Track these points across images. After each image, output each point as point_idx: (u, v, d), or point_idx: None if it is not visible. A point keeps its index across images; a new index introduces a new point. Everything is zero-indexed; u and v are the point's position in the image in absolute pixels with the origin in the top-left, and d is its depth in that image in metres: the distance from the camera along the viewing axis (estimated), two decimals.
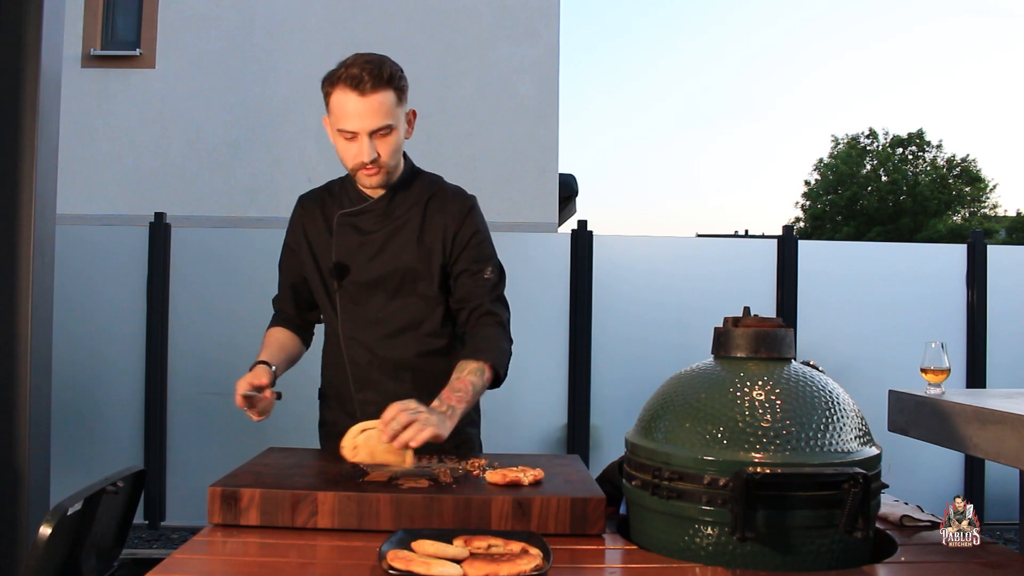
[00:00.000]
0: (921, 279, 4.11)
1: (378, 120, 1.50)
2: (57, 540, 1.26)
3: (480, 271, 1.62)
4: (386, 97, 1.50)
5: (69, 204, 5.32)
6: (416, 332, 1.63)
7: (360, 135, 1.51)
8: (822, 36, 61.73)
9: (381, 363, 1.63)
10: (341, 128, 1.52)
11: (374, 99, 1.48)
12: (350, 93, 1.48)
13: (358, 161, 1.53)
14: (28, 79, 2.12)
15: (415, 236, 1.62)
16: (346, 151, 1.55)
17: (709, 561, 1.11)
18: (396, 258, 1.61)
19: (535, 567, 1.02)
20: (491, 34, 7.29)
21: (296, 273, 1.72)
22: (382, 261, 1.61)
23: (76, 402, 3.82)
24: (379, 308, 1.63)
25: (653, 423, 1.22)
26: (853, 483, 1.06)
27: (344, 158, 1.57)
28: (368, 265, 1.61)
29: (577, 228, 3.95)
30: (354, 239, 1.63)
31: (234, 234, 4.23)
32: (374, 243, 1.62)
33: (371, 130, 1.50)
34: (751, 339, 1.22)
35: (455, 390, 1.47)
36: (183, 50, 7.36)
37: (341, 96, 1.49)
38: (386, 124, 1.51)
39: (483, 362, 1.53)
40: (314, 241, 1.67)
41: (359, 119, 1.49)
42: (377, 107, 1.49)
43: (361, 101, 1.48)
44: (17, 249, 2.10)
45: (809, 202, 30.70)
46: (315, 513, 1.23)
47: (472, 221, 1.64)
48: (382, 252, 1.61)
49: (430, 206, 1.64)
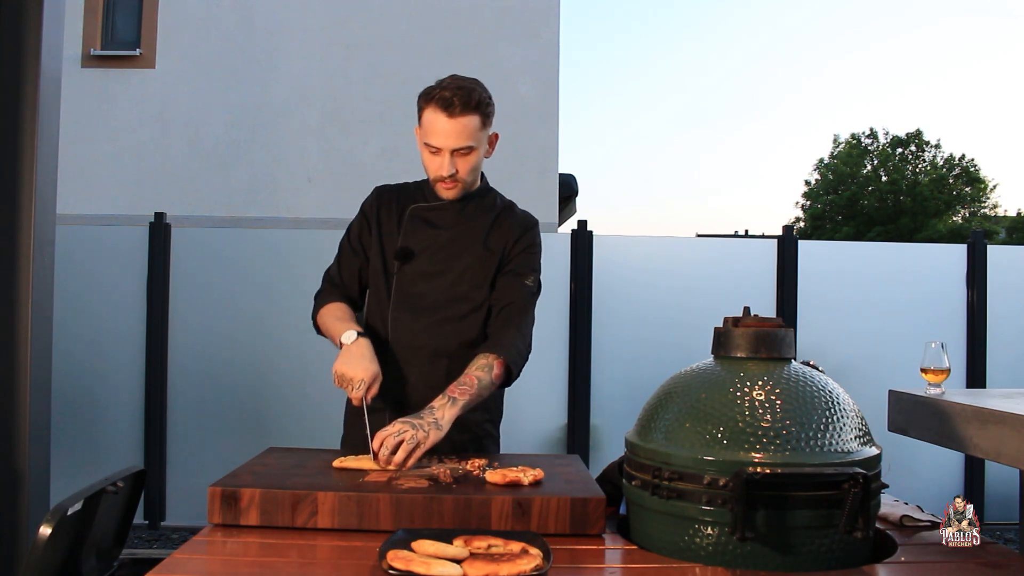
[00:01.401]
0: (921, 279, 4.11)
1: (461, 141, 1.63)
2: (57, 540, 1.26)
3: (523, 276, 1.74)
4: (471, 121, 1.62)
5: (69, 204, 5.31)
6: (460, 324, 1.72)
7: (443, 151, 1.64)
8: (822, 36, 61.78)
9: (422, 347, 1.71)
10: (428, 143, 1.65)
11: (460, 121, 1.61)
12: (440, 113, 1.61)
13: (438, 174, 1.67)
14: (28, 79, 2.11)
15: (481, 240, 1.74)
16: (430, 162, 1.68)
17: (709, 561, 1.11)
18: (461, 255, 1.73)
19: (535, 567, 1.02)
20: (491, 34, 7.29)
21: (363, 253, 1.79)
22: (447, 255, 1.72)
23: (76, 402, 3.82)
24: (434, 297, 1.72)
25: (653, 423, 1.22)
26: (853, 483, 1.06)
27: (427, 168, 1.70)
28: (434, 256, 1.72)
29: (577, 228, 3.96)
30: (424, 231, 1.74)
31: (234, 234, 4.24)
32: (443, 238, 1.73)
33: (453, 148, 1.63)
34: (751, 339, 1.22)
35: (460, 384, 1.57)
36: (183, 50, 7.36)
37: (432, 114, 1.62)
38: (468, 145, 1.64)
39: (495, 356, 1.62)
40: (385, 226, 1.77)
41: (444, 138, 1.62)
42: (461, 129, 1.62)
43: (449, 122, 1.61)
44: (17, 249, 2.10)
45: (809, 202, 30.70)
46: (315, 513, 1.23)
47: (531, 235, 1.78)
48: (449, 247, 1.73)
49: (500, 217, 1.78)
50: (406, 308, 1.72)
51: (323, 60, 7.34)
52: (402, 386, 1.71)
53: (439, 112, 1.60)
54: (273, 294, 3.93)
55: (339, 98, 7.29)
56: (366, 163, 7.21)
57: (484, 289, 1.73)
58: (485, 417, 1.76)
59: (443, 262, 1.72)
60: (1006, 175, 54.75)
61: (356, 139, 7.26)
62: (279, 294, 3.94)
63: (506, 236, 1.75)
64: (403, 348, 1.72)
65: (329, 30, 7.32)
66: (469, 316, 1.72)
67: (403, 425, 1.44)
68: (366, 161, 7.22)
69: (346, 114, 7.28)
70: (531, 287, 1.74)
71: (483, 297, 1.73)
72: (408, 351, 1.72)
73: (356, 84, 7.30)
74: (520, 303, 1.71)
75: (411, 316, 1.71)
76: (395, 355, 1.71)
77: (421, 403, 1.56)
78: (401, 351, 1.72)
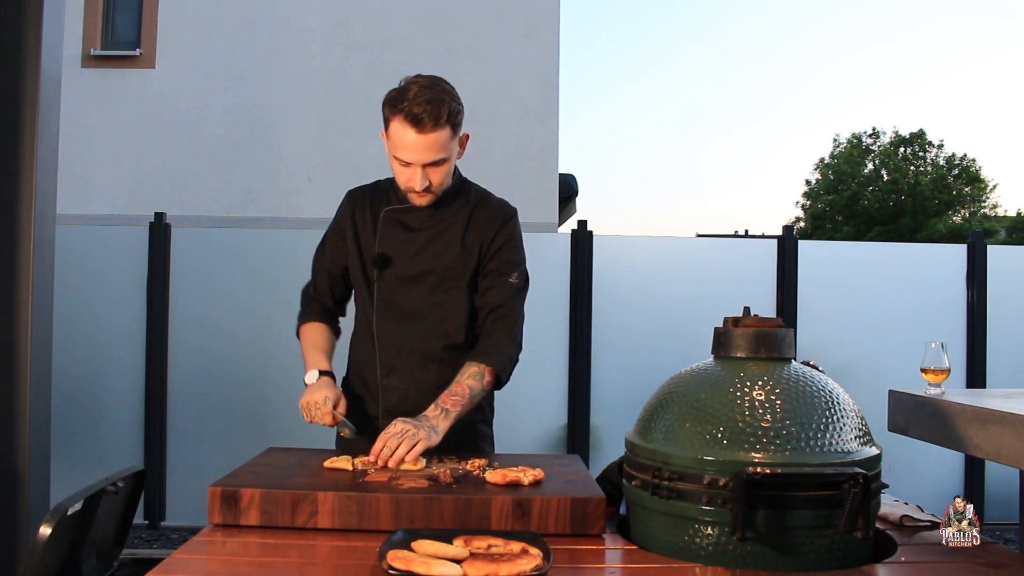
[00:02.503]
0: (921, 279, 4.11)
1: (432, 155, 1.58)
2: (57, 540, 1.26)
3: (507, 275, 1.70)
4: (442, 135, 1.56)
5: (69, 204, 5.31)
6: (446, 327, 1.71)
7: (414, 166, 1.59)
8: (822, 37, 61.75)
9: (411, 352, 1.70)
10: (397, 156, 1.60)
11: (431, 137, 1.55)
12: (409, 128, 1.55)
13: (410, 186, 1.63)
14: (28, 79, 2.11)
15: (459, 238, 1.70)
16: (400, 174, 1.63)
17: (709, 561, 1.11)
18: (438, 257, 1.69)
19: (535, 567, 1.02)
20: (491, 34, 7.29)
21: (339, 262, 1.77)
22: (425, 258, 1.69)
23: (76, 402, 3.82)
24: (415, 301, 1.70)
25: (653, 423, 1.22)
26: (853, 483, 1.06)
27: (398, 178, 1.65)
28: (411, 260, 1.69)
29: (577, 228, 3.95)
30: (399, 234, 1.71)
31: (234, 234, 4.24)
32: (418, 240, 1.70)
33: (425, 163, 1.58)
34: (751, 339, 1.22)
35: (452, 394, 1.57)
36: (183, 50, 7.35)
37: (400, 128, 1.56)
38: (440, 158, 1.59)
39: (485, 366, 1.61)
40: (361, 232, 1.74)
41: (414, 153, 1.57)
42: (431, 144, 1.56)
43: (419, 138, 1.55)
44: (17, 249, 2.10)
45: (809, 202, 30.69)
46: (315, 513, 1.23)
47: (509, 228, 1.73)
48: (425, 250, 1.69)
49: (475, 212, 1.73)
50: (390, 315, 1.70)
51: (323, 60, 7.33)
52: (394, 391, 1.70)
53: (408, 127, 1.54)
54: (273, 294, 3.93)
55: (339, 98, 7.28)
56: (366, 163, 7.20)
57: (465, 290, 1.70)
58: (479, 416, 1.76)
59: (421, 265, 1.69)
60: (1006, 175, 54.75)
61: (356, 139, 7.25)
62: (279, 294, 3.93)
63: (482, 233, 1.71)
64: (392, 354, 1.71)
65: (329, 30, 7.31)
66: (452, 318, 1.70)
67: (404, 425, 1.45)
68: (366, 161, 7.21)
69: (346, 114, 7.28)
70: (516, 284, 1.70)
71: (465, 299, 1.70)
72: (397, 357, 1.70)
73: (356, 84, 7.30)
74: (507, 304, 1.69)
75: (396, 322, 1.70)
76: (385, 360, 1.71)
77: (413, 408, 1.57)
78: (390, 357, 1.71)
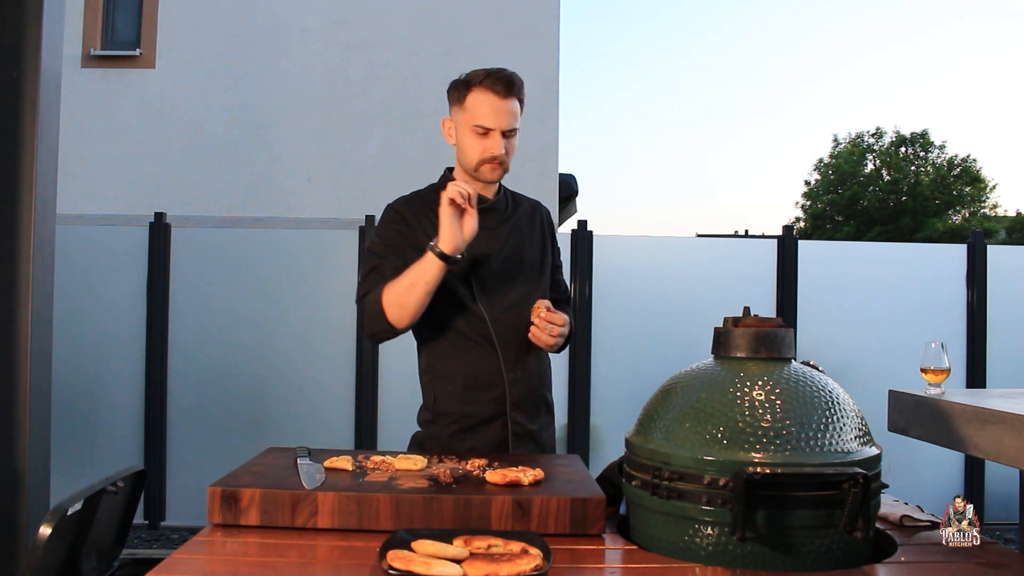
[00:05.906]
0: (921, 279, 4.11)
1: (512, 121, 1.68)
2: (57, 540, 1.26)
3: (561, 266, 1.93)
4: (516, 104, 1.69)
5: (69, 204, 5.31)
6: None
7: (495, 132, 1.67)
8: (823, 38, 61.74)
9: (521, 342, 1.73)
10: (478, 124, 1.66)
11: (510, 103, 1.67)
12: (491, 95, 1.65)
13: (488, 154, 1.68)
14: (28, 79, 2.11)
15: (530, 232, 1.83)
16: (476, 146, 1.68)
17: (709, 561, 1.11)
18: (522, 249, 1.79)
19: (535, 567, 1.02)
20: (491, 34, 7.29)
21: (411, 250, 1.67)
22: (511, 251, 1.77)
23: (76, 402, 3.82)
24: (516, 295, 1.75)
25: (653, 423, 1.22)
26: (853, 483, 1.06)
27: (471, 152, 1.70)
28: (499, 255, 1.76)
29: (577, 228, 3.96)
30: (481, 233, 1.66)
31: (234, 234, 4.24)
32: (500, 236, 1.77)
33: (504, 129, 1.67)
34: (751, 339, 1.22)
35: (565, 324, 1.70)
36: (183, 50, 7.35)
37: (481, 95, 1.66)
38: (515, 127, 1.69)
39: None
40: (429, 231, 1.67)
41: (497, 118, 1.66)
42: (511, 109, 1.67)
43: (501, 103, 1.66)
44: (17, 249, 2.10)
45: (809, 202, 30.67)
46: (315, 513, 1.23)
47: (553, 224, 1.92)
48: (508, 244, 1.78)
49: (537, 211, 1.88)
50: (499, 310, 1.71)
51: (323, 60, 7.33)
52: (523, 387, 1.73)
53: (489, 93, 1.64)
54: (273, 294, 3.93)
55: (339, 98, 7.28)
56: (366, 163, 7.21)
57: (547, 279, 1.85)
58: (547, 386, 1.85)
59: (512, 259, 1.76)
60: (1006, 175, 54.75)
61: (356, 139, 7.25)
62: (279, 294, 3.94)
63: (545, 228, 1.86)
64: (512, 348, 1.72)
65: (329, 30, 7.31)
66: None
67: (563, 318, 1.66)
68: (366, 161, 7.22)
69: (346, 114, 7.27)
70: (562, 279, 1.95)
71: (547, 283, 1.84)
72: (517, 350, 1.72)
73: (356, 84, 7.30)
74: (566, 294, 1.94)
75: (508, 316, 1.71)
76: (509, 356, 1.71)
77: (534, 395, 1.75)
78: (513, 350, 1.72)
